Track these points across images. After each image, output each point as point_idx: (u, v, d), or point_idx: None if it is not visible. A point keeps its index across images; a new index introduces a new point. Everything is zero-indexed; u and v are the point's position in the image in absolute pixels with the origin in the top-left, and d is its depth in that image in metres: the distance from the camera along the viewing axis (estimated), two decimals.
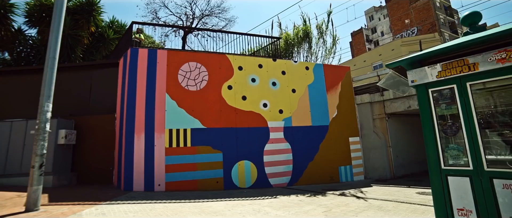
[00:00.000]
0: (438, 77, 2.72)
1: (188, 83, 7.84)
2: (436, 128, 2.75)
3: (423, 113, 2.83)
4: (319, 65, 9.96)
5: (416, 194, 6.36)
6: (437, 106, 2.78)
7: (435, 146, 2.74)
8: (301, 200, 6.04)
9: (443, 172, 2.68)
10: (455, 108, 2.68)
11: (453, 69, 2.61)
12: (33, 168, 4.27)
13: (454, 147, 2.64)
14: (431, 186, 2.82)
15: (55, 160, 7.30)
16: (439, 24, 31.52)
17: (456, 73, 2.60)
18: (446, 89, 2.73)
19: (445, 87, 2.73)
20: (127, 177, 6.88)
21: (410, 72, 2.87)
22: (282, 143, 8.46)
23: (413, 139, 11.00)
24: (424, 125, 2.82)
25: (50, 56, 4.94)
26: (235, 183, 7.66)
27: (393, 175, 9.52)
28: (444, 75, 2.68)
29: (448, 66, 2.65)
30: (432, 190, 2.83)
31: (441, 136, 2.73)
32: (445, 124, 2.74)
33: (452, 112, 2.70)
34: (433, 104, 2.78)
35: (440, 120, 2.76)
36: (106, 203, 5.14)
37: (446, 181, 2.65)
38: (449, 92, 2.71)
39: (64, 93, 8.87)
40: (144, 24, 8.91)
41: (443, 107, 2.76)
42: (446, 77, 2.68)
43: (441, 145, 2.70)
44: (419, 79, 2.79)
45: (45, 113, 4.65)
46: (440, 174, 2.69)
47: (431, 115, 2.77)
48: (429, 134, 2.78)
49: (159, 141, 7.21)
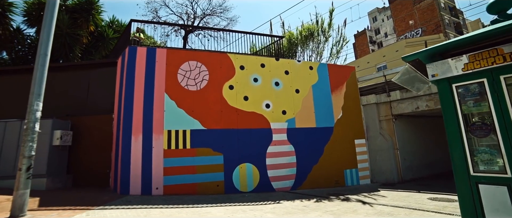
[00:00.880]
0: (465, 70, 2.38)
1: (188, 82, 7.56)
2: (462, 128, 2.40)
3: (446, 112, 2.50)
4: (324, 65, 9.65)
5: (428, 199, 6.00)
6: (462, 104, 2.44)
7: (461, 149, 2.38)
8: (306, 205, 5.71)
9: (473, 179, 2.33)
10: (485, 105, 2.34)
11: (483, 61, 2.28)
12: (20, 170, 3.99)
13: (486, 150, 2.30)
14: (458, 195, 2.47)
15: (50, 162, 7.03)
16: (444, 24, 31.09)
17: (487, 65, 2.27)
18: (474, 84, 2.39)
19: (473, 82, 2.39)
20: (123, 180, 6.59)
21: (430, 66, 2.53)
22: (286, 145, 8.14)
23: (421, 141, 10.63)
24: (448, 125, 2.48)
25: (41, 52, 4.68)
26: (236, 186, 7.34)
27: (400, 178, 9.14)
28: (471, 68, 2.35)
29: (477, 58, 2.32)
30: (459, 200, 2.47)
31: (468, 137, 2.38)
32: (473, 123, 2.40)
33: (481, 110, 2.36)
34: (458, 102, 2.44)
35: (466, 119, 2.42)
36: (99, 208, 4.85)
37: (476, 189, 2.29)
38: (478, 87, 2.38)
39: (60, 93, 8.63)
40: (143, 22, 8.68)
41: (470, 105, 2.42)
42: (475, 70, 2.35)
43: (468, 147, 2.35)
44: (441, 73, 2.46)
45: (35, 112, 4.37)
46: (469, 181, 2.33)
47: (456, 113, 2.43)
48: (454, 136, 2.43)
49: (157, 142, 6.92)
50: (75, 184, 7.74)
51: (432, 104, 8.65)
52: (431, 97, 8.69)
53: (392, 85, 9.89)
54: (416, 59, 2.64)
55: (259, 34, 9.98)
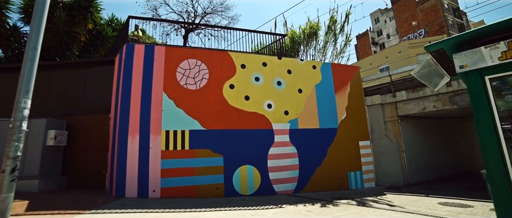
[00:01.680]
0: (502, 59, 2.06)
1: (187, 81, 7.30)
2: (499, 128, 2.08)
3: (477, 109, 2.17)
4: (327, 64, 9.37)
5: (439, 205, 5.69)
6: (499, 99, 2.13)
7: (498, 151, 2.04)
8: (310, 210, 5.41)
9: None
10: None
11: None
12: (4, 172, 3.71)
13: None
14: (496, 208, 2.12)
15: (43, 163, 6.76)
16: (448, 25, 30.77)
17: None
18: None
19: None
20: (119, 182, 6.31)
21: (458, 56, 2.22)
22: (288, 147, 7.85)
23: (427, 143, 10.33)
24: (480, 124, 2.16)
25: (30, 46, 4.41)
26: (237, 189, 7.05)
27: (407, 181, 8.84)
28: (511, 57, 2.03)
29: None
30: (497, 211, 2.12)
31: (506, 137, 2.06)
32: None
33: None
34: (492, 97, 2.14)
35: (504, 118, 2.08)
36: (90, 212, 4.57)
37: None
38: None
39: (56, 92, 8.40)
40: (142, 19, 8.44)
41: (508, 100, 2.11)
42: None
43: (507, 150, 2.03)
44: (472, 64, 2.15)
45: (22, 109, 4.10)
46: (510, 190, 2.01)
47: (490, 110, 2.11)
48: (488, 136, 2.10)
49: (155, 143, 6.65)
50: (70, 186, 7.47)
51: (439, 104, 8.36)
52: (438, 97, 8.40)
53: (397, 85, 9.61)
54: (440, 50, 2.34)
55: (261, 32, 9.73)
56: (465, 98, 7.68)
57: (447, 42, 2.27)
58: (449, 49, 2.32)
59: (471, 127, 13.96)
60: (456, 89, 7.87)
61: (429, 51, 2.38)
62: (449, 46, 2.30)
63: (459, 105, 7.79)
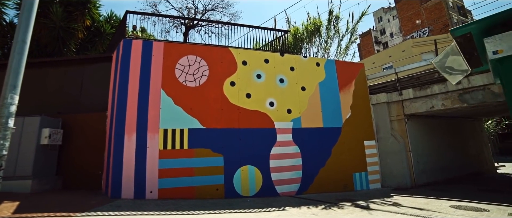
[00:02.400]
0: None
1: (187, 78, 7.03)
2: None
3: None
4: (331, 62, 9.09)
5: (451, 208, 5.39)
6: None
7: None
8: (315, 213, 5.12)
9: None
10: None
11: None
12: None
13: None
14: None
15: (36, 162, 6.51)
16: (452, 24, 30.32)
17: None
18: None
19: None
20: (115, 182, 6.06)
21: (490, 40, 1.95)
22: (291, 146, 7.57)
23: (435, 143, 10.00)
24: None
25: (19, 39, 4.16)
26: (238, 190, 6.77)
27: (414, 183, 8.52)
28: None
29: None
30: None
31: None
32: None
33: None
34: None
35: None
36: (82, 214, 4.31)
37: None
38: None
39: (52, 89, 8.15)
40: (140, 13, 8.18)
41: None
42: None
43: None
44: (508, 49, 1.88)
45: (9, 105, 3.86)
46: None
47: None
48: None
49: (152, 142, 6.39)
50: (65, 186, 7.22)
51: (449, 103, 8.03)
52: (447, 95, 8.07)
53: (404, 83, 9.28)
54: (467, 35, 2.07)
55: (263, 28, 9.43)
56: (476, 96, 7.36)
57: (476, 25, 2.00)
58: (478, 33, 2.04)
59: (479, 127, 13.59)
60: (466, 87, 7.55)
61: (455, 36, 2.11)
62: (479, 30, 2.03)
63: (469, 104, 7.47)
